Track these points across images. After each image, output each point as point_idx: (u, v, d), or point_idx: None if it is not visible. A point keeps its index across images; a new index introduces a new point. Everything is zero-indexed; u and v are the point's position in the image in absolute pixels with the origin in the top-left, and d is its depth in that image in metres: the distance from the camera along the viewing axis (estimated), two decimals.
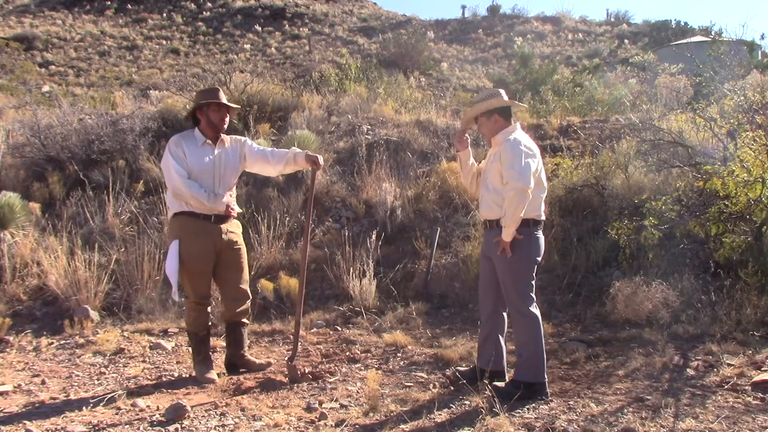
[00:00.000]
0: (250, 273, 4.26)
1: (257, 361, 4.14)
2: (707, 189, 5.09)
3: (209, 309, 4.03)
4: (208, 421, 3.22)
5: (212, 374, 3.88)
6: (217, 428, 3.13)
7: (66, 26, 27.48)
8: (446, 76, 20.49)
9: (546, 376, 3.46)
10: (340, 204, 6.93)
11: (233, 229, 3.96)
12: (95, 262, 5.45)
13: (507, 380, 3.57)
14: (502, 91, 3.65)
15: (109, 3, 30.71)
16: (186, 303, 3.99)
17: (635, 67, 12.57)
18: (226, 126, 3.94)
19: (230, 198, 3.93)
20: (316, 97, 10.11)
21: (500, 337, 3.63)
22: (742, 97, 5.52)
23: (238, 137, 4.09)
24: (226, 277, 3.97)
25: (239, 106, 4.11)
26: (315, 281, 5.79)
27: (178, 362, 4.32)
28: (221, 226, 3.86)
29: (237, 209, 3.97)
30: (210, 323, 4.05)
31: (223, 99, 3.90)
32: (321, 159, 4.00)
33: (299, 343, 4.03)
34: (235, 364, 4.08)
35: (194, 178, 3.77)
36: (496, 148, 3.52)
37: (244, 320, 4.09)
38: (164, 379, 3.98)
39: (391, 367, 4.13)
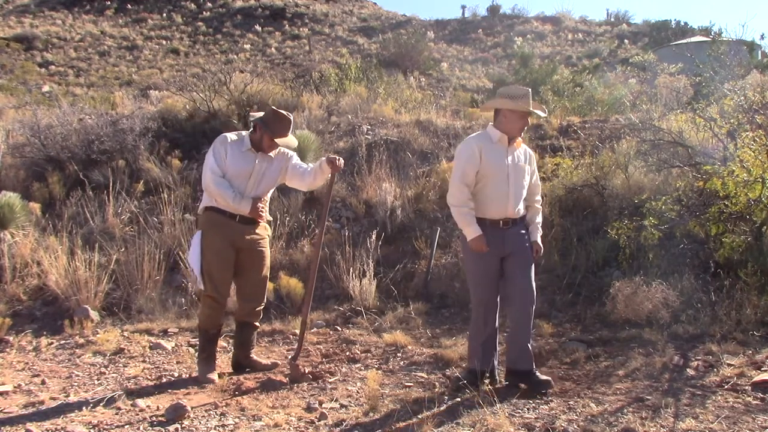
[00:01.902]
0: None
1: (263, 361, 4.14)
2: (707, 189, 5.09)
3: (224, 310, 4.03)
4: (208, 421, 3.22)
5: (213, 374, 3.89)
6: (217, 428, 3.13)
7: (66, 26, 27.48)
8: (446, 76, 20.49)
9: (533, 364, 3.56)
10: (340, 204, 6.93)
11: (259, 232, 3.96)
12: (95, 262, 5.45)
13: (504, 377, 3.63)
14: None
15: (109, 3, 30.72)
16: (203, 299, 3.99)
17: (635, 67, 12.56)
18: (272, 153, 3.95)
19: (262, 203, 3.92)
20: (316, 97, 10.11)
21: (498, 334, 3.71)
22: (742, 97, 5.51)
23: (286, 151, 4.06)
24: (246, 276, 3.98)
25: (296, 144, 4.10)
26: (315, 281, 5.78)
27: (178, 362, 4.32)
28: (245, 227, 3.88)
29: (267, 216, 3.99)
30: (221, 324, 4.07)
31: (287, 135, 3.90)
32: (341, 161, 3.94)
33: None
34: (241, 363, 4.10)
35: (229, 178, 3.80)
36: (520, 146, 3.65)
37: (255, 323, 4.10)
38: (164, 379, 3.98)
39: (391, 367, 4.13)
